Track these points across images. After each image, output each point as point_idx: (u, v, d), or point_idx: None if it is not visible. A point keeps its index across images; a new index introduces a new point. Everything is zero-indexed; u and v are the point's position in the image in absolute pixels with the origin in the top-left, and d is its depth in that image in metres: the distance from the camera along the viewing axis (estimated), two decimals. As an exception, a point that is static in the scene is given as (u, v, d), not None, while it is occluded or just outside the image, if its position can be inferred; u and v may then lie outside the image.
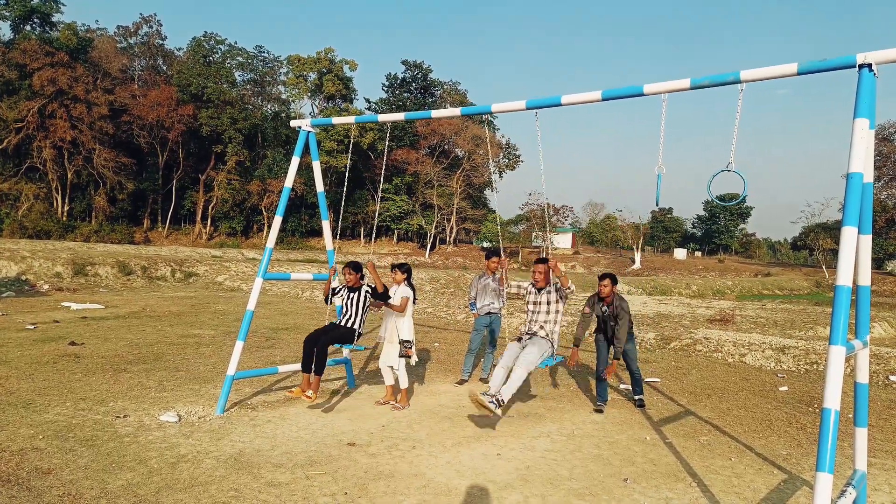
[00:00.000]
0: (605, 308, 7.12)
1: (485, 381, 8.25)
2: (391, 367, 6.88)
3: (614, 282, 7.16)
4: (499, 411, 5.79)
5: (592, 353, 10.36)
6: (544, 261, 6.59)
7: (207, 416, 6.10)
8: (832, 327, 3.17)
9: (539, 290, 6.56)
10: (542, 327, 6.40)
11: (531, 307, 6.56)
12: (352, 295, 6.69)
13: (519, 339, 6.43)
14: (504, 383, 5.91)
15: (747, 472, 5.15)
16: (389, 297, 6.69)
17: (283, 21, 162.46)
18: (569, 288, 6.38)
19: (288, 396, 6.82)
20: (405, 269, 6.96)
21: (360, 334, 6.62)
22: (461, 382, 8.16)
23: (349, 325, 6.59)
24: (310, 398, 6.12)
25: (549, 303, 6.46)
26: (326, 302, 6.92)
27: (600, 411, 7.01)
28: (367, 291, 6.69)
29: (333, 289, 6.85)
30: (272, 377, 7.92)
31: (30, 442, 5.09)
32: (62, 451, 4.91)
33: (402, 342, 6.76)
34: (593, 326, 7.49)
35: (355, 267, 6.74)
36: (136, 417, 5.92)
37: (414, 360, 6.89)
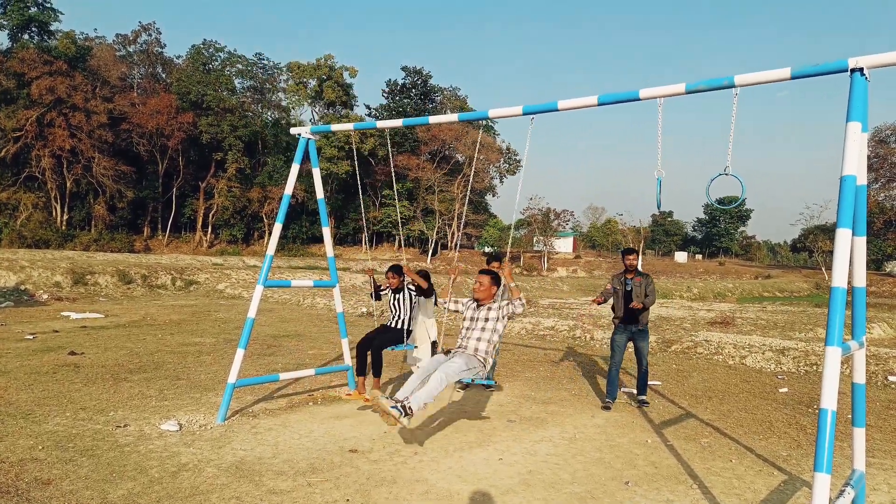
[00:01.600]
0: (629, 282, 7.41)
1: (487, 386, 8.26)
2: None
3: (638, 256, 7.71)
4: (406, 421, 4.91)
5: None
6: (490, 272, 5.95)
7: (208, 425, 6.10)
8: (828, 329, 3.20)
9: (479, 305, 5.87)
10: (475, 347, 5.67)
11: (466, 323, 5.84)
12: (397, 296, 7.04)
13: (447, 353, 5.72)
14: (417, 389, 5.15)
15: (748, 473, 5.16)
16: (432, 293, 6.96)
17: (282, 28, 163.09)
18: (519, 299, 5.59)
19: (345, 399, 7.07)
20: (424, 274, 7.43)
21: (409, 332, 6.98)
22: (463, 388, 8.16)
23: (399, 325, 6.91)
24: (368, 400, 6.37)
25: (486, 319, 5.75)
26: (372, 299, 7.39)
27: (608, 408, 7.20)
28: (411, 290, 7.03)
29: (378, 287, 7.25)
30: (273, 385, 7.91)
31: (29, 452, 5.09)
32: (62, 462, 4.91)
33: (433, 343, 7.14)
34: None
35: (396, 270, 7.09)
36: (137, 427, 5.93)
37: None
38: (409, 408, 4.92)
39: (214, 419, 6.26)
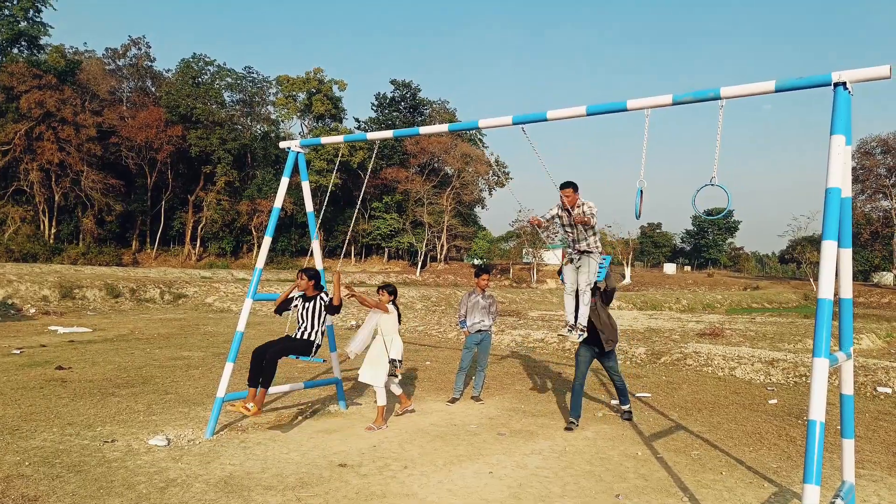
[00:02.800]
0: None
1: (477, 398, 8.24)
2: (380, 385, 6.85)
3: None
4: (578, 336, 6.68)
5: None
6: (569, 185, 6.64)
7: (197, 440, 6.05)
8: (815, 340, 3.22)
9: (570, 211, 6.72)
10: (586, 245, 6.72)
11: (568, 229, 6.83)
12: (307, 304, 6.36)
13: (571, 261, 6.85)
14: (576, 312, 6.72)
15: (738, 485, 5.17)
16: (338, 312, 6.40)
17: (272, 42, 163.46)
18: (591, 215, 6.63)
19: (229, 410, 6.21)
20: (391, 290, 7.21)
21: (318, 346, 6.34)
22: (453, 401, 8.13)
23: (305, 336, 6.29)
24: (248, 411, 5.73)
25: (584, 222, 6.66)
26: (276, 312, 6.60)
27: (570, 429, 6.81)
28: (322, 300, 6.36)
29: (290, 298, 6.54)
30: (262, 398, 7.85)
31: (16, 469, 5.03)
32: (49, 478, 4.85)
33: (391, 361, 6.80)
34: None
35: (310, 273, 6.41)
36: (125, 442, 5.86)
37: (396, 380, 7.19)
38: (582, 326, 6.67)
39: (203, 434, 6.20)
